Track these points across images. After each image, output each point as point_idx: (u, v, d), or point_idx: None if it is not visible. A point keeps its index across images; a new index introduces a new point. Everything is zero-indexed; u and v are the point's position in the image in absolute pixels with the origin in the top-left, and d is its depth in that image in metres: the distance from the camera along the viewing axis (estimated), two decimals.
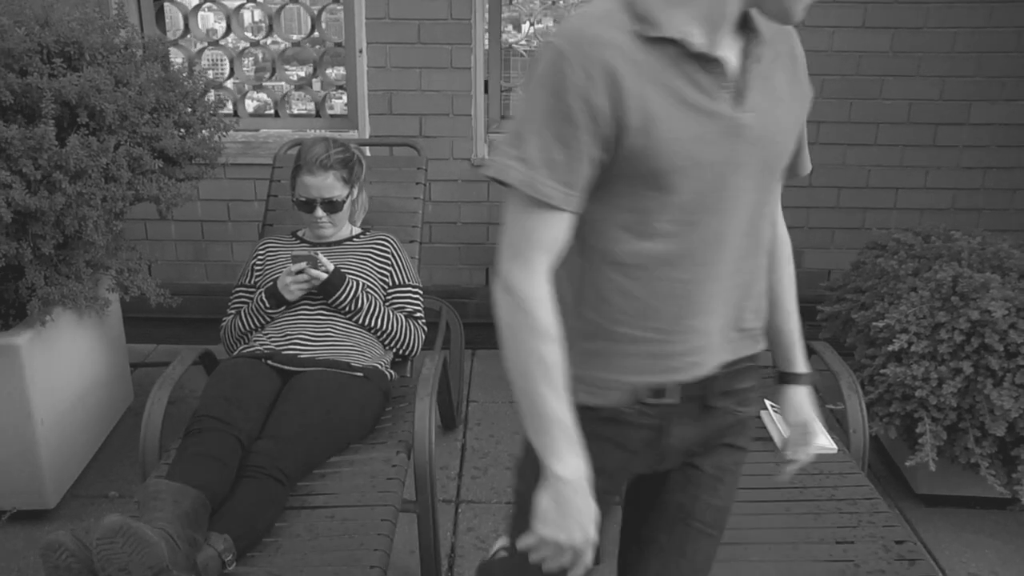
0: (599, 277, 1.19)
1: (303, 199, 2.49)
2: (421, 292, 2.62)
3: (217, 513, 1.84)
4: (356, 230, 2.66)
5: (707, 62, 1.11)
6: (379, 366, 2.40)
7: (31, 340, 2.39)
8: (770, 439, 2.27)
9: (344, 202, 2.52)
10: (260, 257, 2.60)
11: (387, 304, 2.53)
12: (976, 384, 2.35)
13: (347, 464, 2.15)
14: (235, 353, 2.43)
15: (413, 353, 2.56)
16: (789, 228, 1.45)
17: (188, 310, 3.16)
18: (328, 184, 2.47)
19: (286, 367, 2.30)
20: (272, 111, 3.67)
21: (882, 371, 2.47)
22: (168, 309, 2.77)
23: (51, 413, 2.51)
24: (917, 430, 2.42)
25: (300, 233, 2.66)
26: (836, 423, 3.09)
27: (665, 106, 1.09)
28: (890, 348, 2.43)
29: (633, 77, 1.08)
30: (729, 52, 1.14)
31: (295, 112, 3.79)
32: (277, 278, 2.43)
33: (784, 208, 1.39)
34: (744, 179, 1.16)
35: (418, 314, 2.58)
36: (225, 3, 3.51)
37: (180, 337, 3.57)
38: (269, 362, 2.30)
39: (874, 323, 2.53)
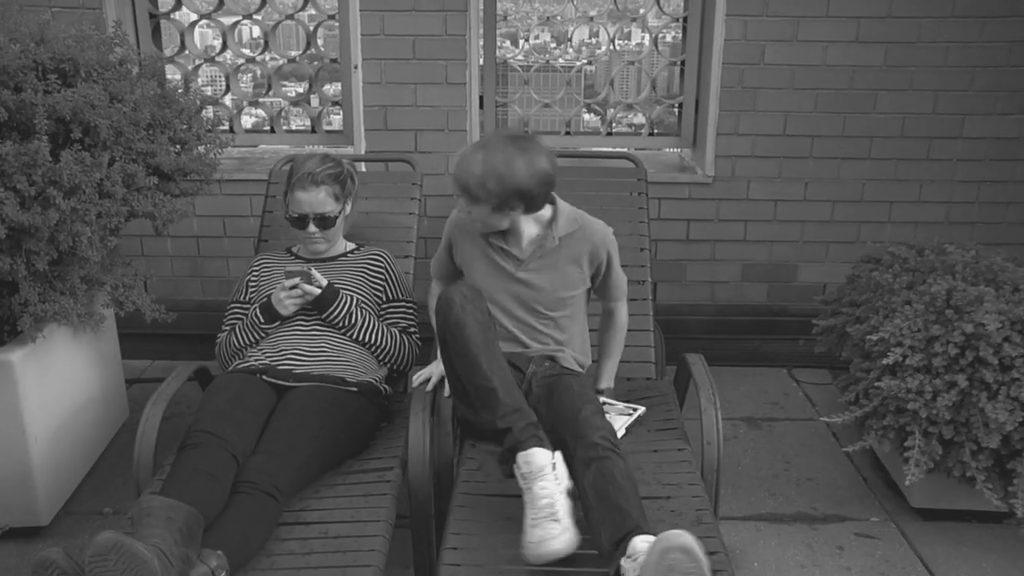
0: None
1: (296, 215, 2.50)
2: (415, 307, 2.63)
3: (210, 529, 1.83)
4: (350, 246, 2.66)
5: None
6: (374, 381, 2.40)
7: (25, 356, 2.39)
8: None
9: (337, 217, 2.53)
10: (255, 273, 2.60)
11: (381, 319, 2.53)
12: (971, 397, 2.35)
13: (341, 479, 2.15)
14: (230, 368, 2.42)
15: (408, 368, 2.55)
16: (784, 242, 1.48)
17: (184, 326, 3.15)
18: (320, 200, 2.47)
19: (281, 382, 2.29)
20: (268, 127, 3.68)
21: (876, 384, 2.47)
22: (164, 325, 2.77)
23: (45, 430, 2.50)
24: (906, 443, 2.42)
25: (295, 249, 2.66)
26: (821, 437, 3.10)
27: None
28: (885, 361, 2.43)
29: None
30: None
31: (291, 128, 3.81)
32: (271, 293, 2.43)
33: (779, 222, 1.41)
34: None
35: (412, 329, 2.58)
36: (222, 20, 3.53)
37: (175, 353, 3.56)
38: (264, 377, 2.30)
39: (868, 336, 2.53)
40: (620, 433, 2.28)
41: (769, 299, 3.67)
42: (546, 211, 2.29)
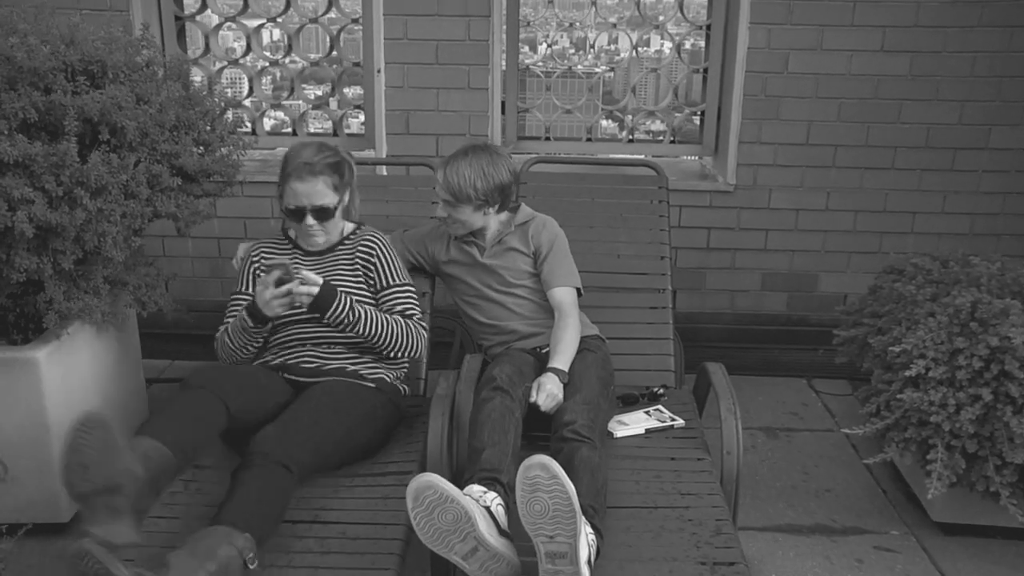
0: None
1: (292, 207, 2.36)
2: (413, 289, 2.50)
3: (226, 506, 1.81)
4: (348, 228, 2.53)
5: None
6: (390, 379, 2.41)
7: (49, 354, 2.41)
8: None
9: (336, 209, 2.40)
10: (255, 264, 2.51)
11: (379, 308, 2.43)
12: (995, 411, 2.32)
13: (360, 481, 2.15)
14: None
15: (417, 354, 2.44)
16: (806, 252, 1.47)
17: (204, 326, 3.16)
18: (318, 191, 2.34)
19: (298, 378, 2.30)
20: (290, 130, 3.70)
21: (898, 396, 2.45)
22: (184, 325, 2.79)
23: (68, 427, 2.51)
24: (928, 456, 2.40)
25: (292, 234, 2.53)
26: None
27: None
28: (907, 373, 2.40)
29: None
30: None
31: (312, 131, 3.83)
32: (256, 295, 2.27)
33: (801, 231, 1.41)
34: None
35: (411, 311, 2.45)
36: (245, 23, 3.56)
37: (195, 353, 3.57)
38: (284, 375, 2.31)
39: (891, 348, 2.50)
40: (633, 432, 2.39)
41: (789, 309, 3.65)
42: (506, 213, 2.62)
